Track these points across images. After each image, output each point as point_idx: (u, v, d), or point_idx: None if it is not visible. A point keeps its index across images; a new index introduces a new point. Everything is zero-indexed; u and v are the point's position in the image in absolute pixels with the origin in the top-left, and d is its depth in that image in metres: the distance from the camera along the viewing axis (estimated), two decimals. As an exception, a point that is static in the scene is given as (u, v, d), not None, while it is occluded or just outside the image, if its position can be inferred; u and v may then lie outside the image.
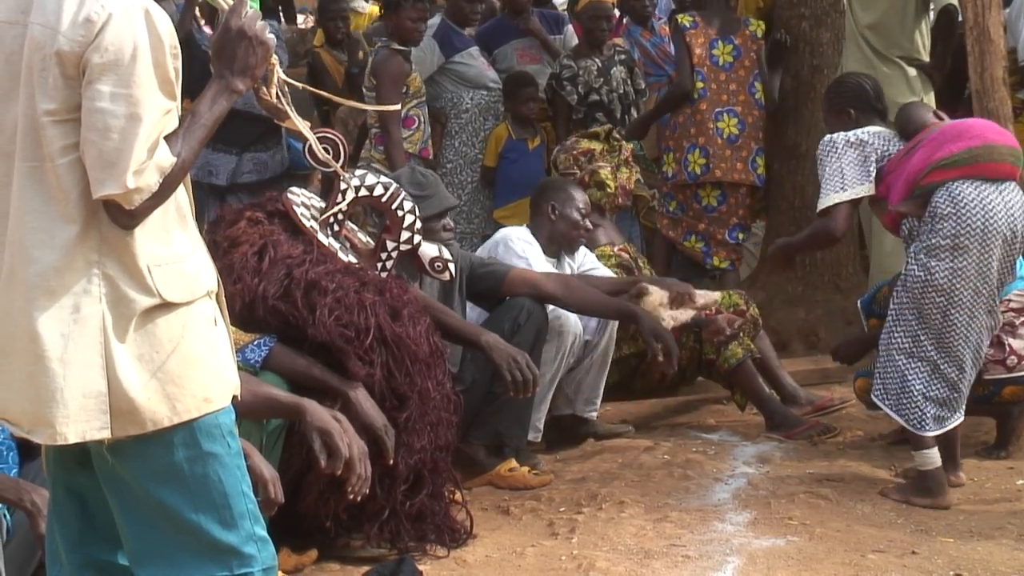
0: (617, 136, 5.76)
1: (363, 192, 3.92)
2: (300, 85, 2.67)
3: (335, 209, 3.87)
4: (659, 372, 5.15)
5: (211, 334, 2.38)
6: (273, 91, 2.53)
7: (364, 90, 6.14)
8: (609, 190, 5.49)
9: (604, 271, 5.16)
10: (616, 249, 5.46)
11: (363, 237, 4.13)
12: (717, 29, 6.38)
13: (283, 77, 2.55)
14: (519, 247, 4.83)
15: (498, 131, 6.65)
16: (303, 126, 2.63)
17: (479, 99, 6.65)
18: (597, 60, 6.66)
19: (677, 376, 5.27)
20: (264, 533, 2.45)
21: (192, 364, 2.33)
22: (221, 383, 2.39)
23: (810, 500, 4.16)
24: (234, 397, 2.45)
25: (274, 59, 2.48)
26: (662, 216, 6.54)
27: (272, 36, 2.43)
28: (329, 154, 3.89)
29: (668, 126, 6.54)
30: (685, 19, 6.42)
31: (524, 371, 4.12)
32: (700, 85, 6.31)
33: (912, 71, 5.85)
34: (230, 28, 2.38)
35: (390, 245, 3.98)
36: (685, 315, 4.85)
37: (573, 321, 4.70)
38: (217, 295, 2.45)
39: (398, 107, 5.85)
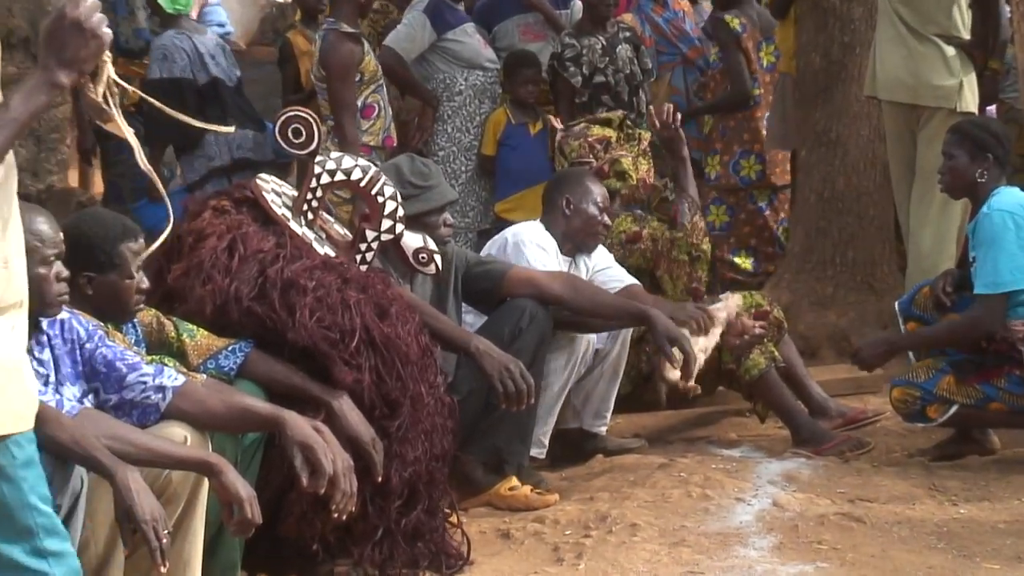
0: (631, 123, 5.77)
1: (339, 176, 3.91)
2: (131, 88, 2.65)
3: (308, 194, 3.87)
4: (682, 388, 5.15)
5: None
6: (100, 89, 2.50)
7: (314, 80, 6.11)
8: (631, 181, 5.50)
9: (619, 271, 5.13)
10: (627, 213, 5.46)
11: (340, 229, 4.13)
12: (760, 30, 6.61)
13: (114, 77, 2.52)
14: (532, 253, 4.78)
15: (496, 116, 6.66)
16: (128, 132, 2.59)
17: (474, 80, 6.66)
18: (601, 38, 6.69)
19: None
20: (60, 547, 2.48)
21: None
22: None
23: (841, 523, 4.16)
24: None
25: (107, 55, 2.45)
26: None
27: (108, 31, 2.38)
28: (301, 136, 3.92)
29: (714, 128, 6.66)
30: (734, 22, 6.56)
31: (517, 381, 4.11)
32: (757, 92, 6.55)
33: (950, 50, 5.86)
34: (64, 16, 2.34)
35: (370, 235, 3.97)
36: (713, 338, 4.84)
37: (583, 327, 4.70)
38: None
39: (231, 129, 5.87)
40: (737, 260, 6.62)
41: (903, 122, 5.93)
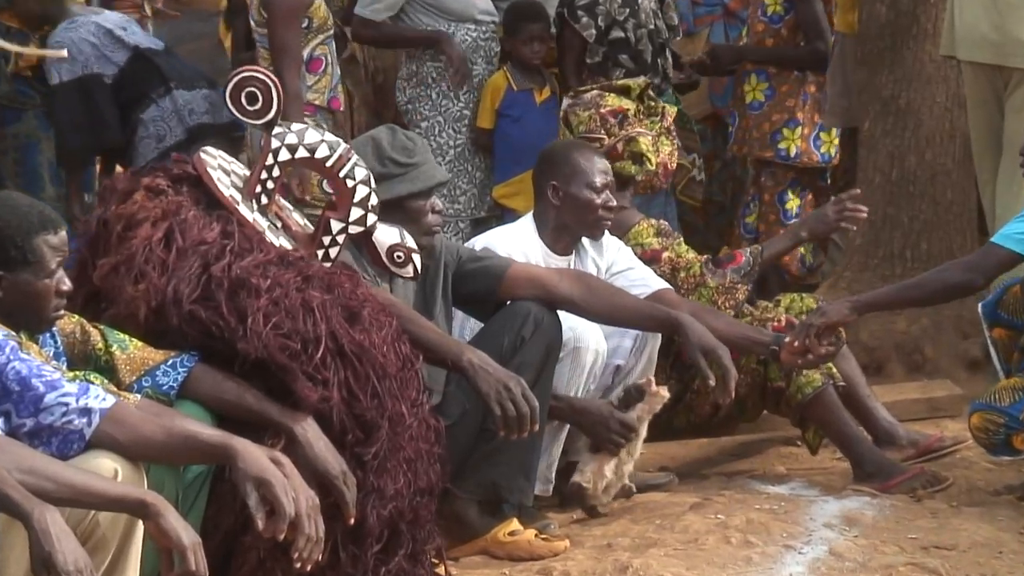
0: (653, 95, 5.76)
1: (301, 152, 3.92)
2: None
3: (263, 173, 3.87)
4: (710, 403, 5.16)
5: None
6: None
7: (253, 25, 6.14)
8: (648, 166, 5.47)
9: (644, 272, 5.14)
10: (653, 222, 5.47)
11: (299, 218, 4.14)
12: None
13: None
14: None
15: (494, 81, 6.68)
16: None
17: (464, 36, 6.69)
18: (621, -15, 6.71)
19: (734, 409, 5.30)
20: None
21: None
22: None
23: (913, 574, 4.18)
24: None
25: None
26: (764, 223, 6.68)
27: None
28: (257, 101, 3.93)
29: (790, 97, 6.69)
30: None
31: (519, 403, 4.11)
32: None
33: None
34: None
35: (335, 226, 3.97)
36: (637, 445, 4.82)
37: (592, 334, 4.72)
38: None
39: (63, 53, 5.84)
40: (803, 249, 6.65)
41: (987, 86, 5.95)
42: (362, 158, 4.37)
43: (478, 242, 5.02)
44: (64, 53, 5.79)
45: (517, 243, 4.96)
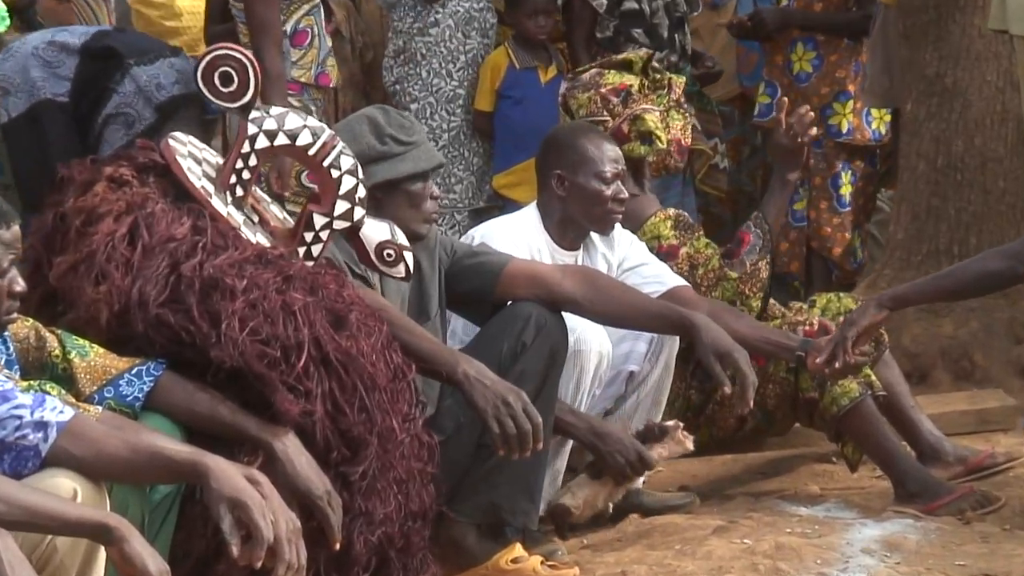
0: (658, 66, 5.74)
1: (281, 139, 3.91)
2: None
3: (238, 161, 3.87)
4: (735, 416, 5.16)
5: None
6: None
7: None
8: (659, 145, 5.47)
9: (658, 268, 5.14)
10: (671, 213, 5.47)
11: (278, 212, 4.15)
12: None
13: None
14: None
15: (494, 58, 6.68)
16: None
17: (456, 7, 6.69)
18: (635, -51, 6.72)
19: (762, 422, 5.32)
20: None
21: None
22: None
23: (962, 605, 4.19)
24: None
25: None
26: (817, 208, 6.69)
27: None
28: (232, 83, 3.92)
29: (840, 67, 6.73)
30: None
31: (519, 419, 4.09)
32: None
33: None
34: None
35: (318, 220, 3.97)
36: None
37: (595, 334, 4.71)
38: None
39: None
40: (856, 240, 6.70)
41: (1043, 64, 5.95)
42: (358, 137, 4.38)
43: (476, 233, 5.04)
44: None
45: (521, 235, 4.97)
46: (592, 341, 4.69)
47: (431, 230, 4.59)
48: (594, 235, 5.14)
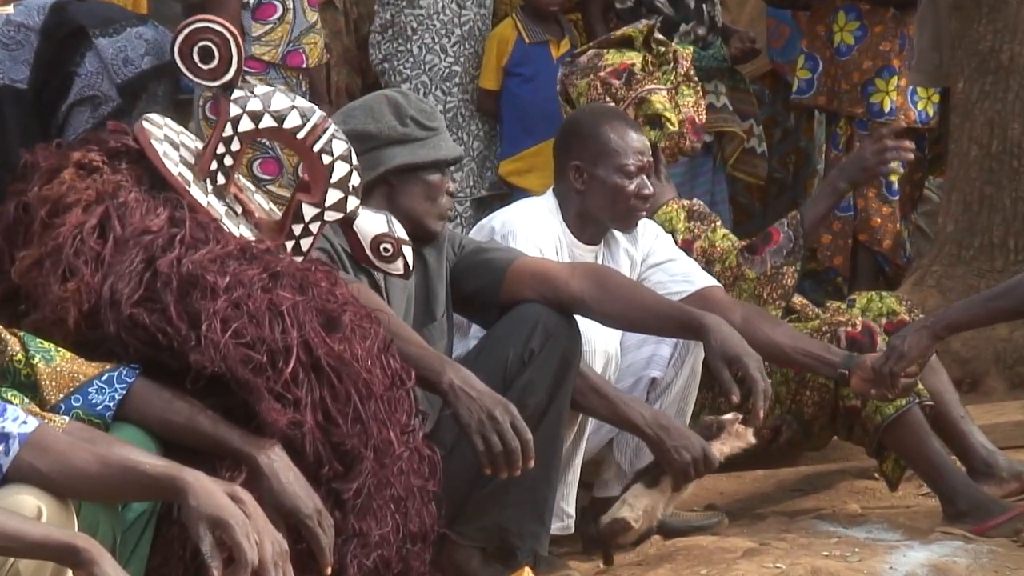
0: (661, 37, 5.71)
1: (267, 121, 3.92)
2: None
3: (219, 146, 3.89)
4: (769, 427, 5.17)
5: None
6: None
7: None
8: (670, 127, 5.46)
9: (686, 266, 5.16)
10: (685, 203, 5.49)
11: (263, 201, 4.17)
12: None
13: None
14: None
15: (501, 32, 6.70)
16: None
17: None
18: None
19: (798, 432, 5.34)
20: None
21: None
22: None
23: (1016, 636, 4.23)
24: None
25: None
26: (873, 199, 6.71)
27: None
28: (212, 59, 3.93)
29: (885, 39, 6.78)
30: None
31: (506, 435, 4.07)
32: None
33: None
34: None
35: (308, 212, 3.99)
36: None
37: (600, 333, 4.73)
38: None
39: None
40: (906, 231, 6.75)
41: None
42: (377, 116, 4.40)
43: (496, 223, 5.02)
44: None
45: (541, 225, 4.97)
46: (597, 340, 4.71)
47: (444, 228, 4.62)
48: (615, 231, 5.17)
